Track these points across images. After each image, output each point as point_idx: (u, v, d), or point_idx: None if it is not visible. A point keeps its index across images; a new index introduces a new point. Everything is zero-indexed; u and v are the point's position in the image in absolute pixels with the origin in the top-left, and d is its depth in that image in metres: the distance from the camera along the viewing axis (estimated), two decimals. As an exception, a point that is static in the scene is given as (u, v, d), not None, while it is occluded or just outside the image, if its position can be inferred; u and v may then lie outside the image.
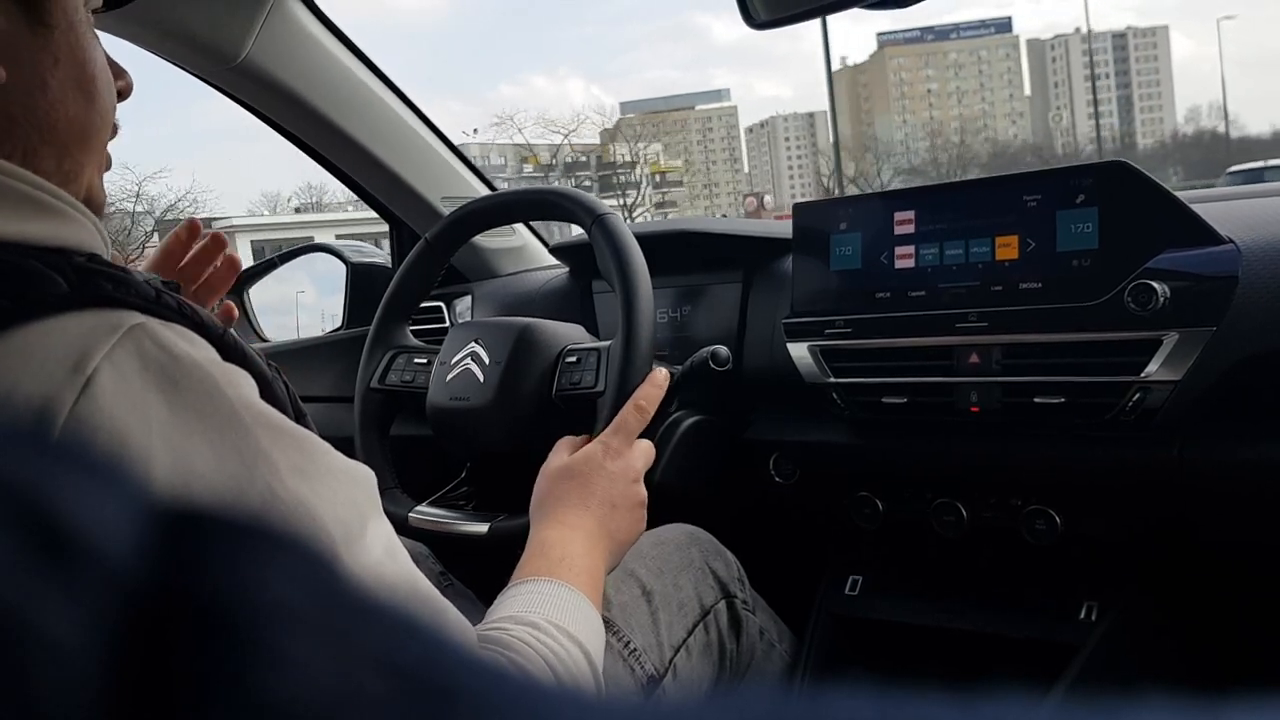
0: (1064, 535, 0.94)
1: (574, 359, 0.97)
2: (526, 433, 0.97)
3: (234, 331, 0.53)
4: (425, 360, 1.07)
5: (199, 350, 0.47)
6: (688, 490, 1.02)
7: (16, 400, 0.41)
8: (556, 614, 0.65)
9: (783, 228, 1.14)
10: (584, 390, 0.94)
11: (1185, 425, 0.85)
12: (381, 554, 0.52)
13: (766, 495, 1.12)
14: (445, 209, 1.39)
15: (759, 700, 0.13)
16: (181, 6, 1.09)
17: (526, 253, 1.55)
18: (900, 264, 0.98)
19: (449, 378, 1.01)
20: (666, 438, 0.98)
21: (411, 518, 0.99)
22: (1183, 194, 0.91)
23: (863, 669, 1.09)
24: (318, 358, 1.48)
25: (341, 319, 1.49)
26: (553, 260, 1.53)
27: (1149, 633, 1.01)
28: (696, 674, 0.87)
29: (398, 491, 1.04)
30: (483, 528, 0.94)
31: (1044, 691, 0.93)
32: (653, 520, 0.95)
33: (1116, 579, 0.97)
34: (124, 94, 0.61)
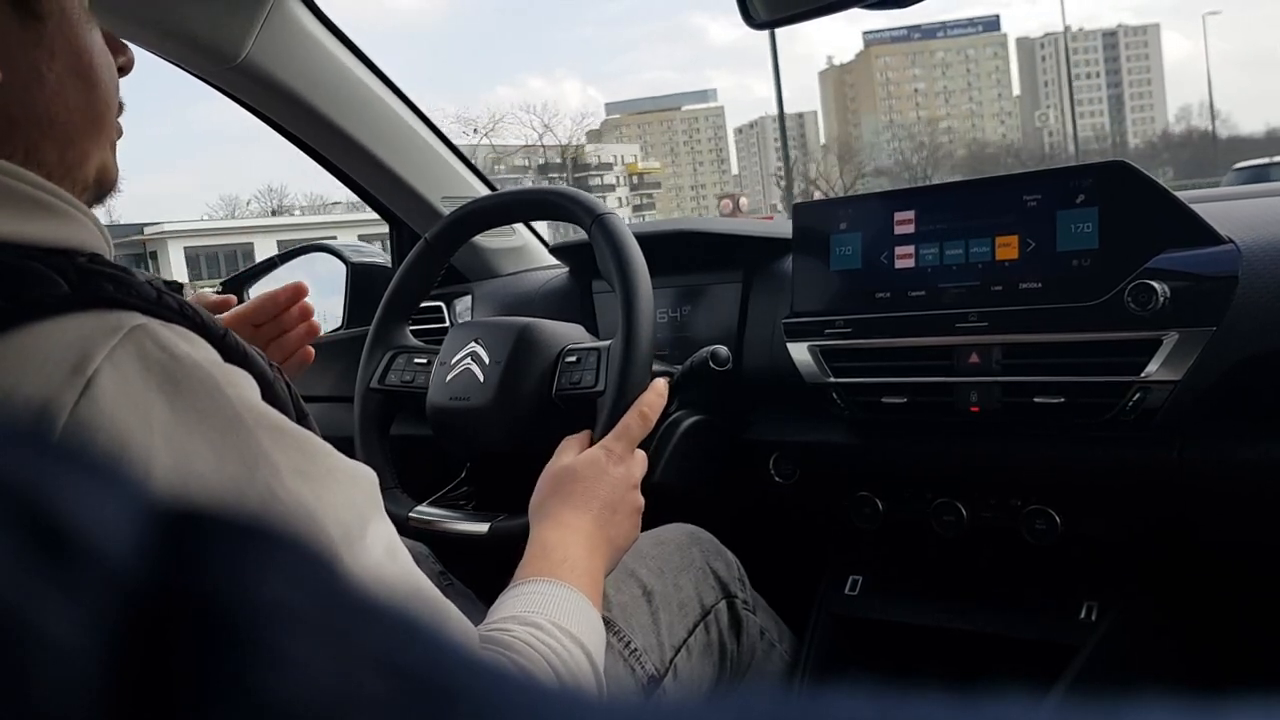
0: (1064, 535, 0.93)
1: (574, 359, 0.97)
2: (526, 433, 0.97)
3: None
4: (425, 360, 1.07)
5: (200, 351, 0.47)
6: (688, 490, 1.02)
7: (17, 401, 0.41)
8: (559, 615, 0.65)
9: (783, 227, 1.14)
10: (584, 390, 0.94)
11: (1185, 425, 0.85)
12: (382, 554, 0.52)
13: (766, 495, 1.12)
14: (445, 209, 1.39)
15: (760, 700, 0.13)
16: (182, 6, 1.09)
17: (526, 253, 1.55)
18: (900, 264, 0.98)
19: (449, 378, 1.01)
20: (666, 438, 0.98)
21: (411, 518, 0.99)
22: (1183, 194, 0.91)
23: (863, 669, 1.08)
24: (317, 357, 1.47)
25: (341, 319, 1.49)
26: (553, 260, 1.53)
27: (1149, 633, 1.01)
28: (697, 674, 0.87)
29: (398, 491, 1.04)
30: (483, 528, 0.94)
31: (1044, 692, 0.93)
32: (653, 520, 0.95)
33: (1116, 579, 0.97)
34: (125, 69, 0.60)
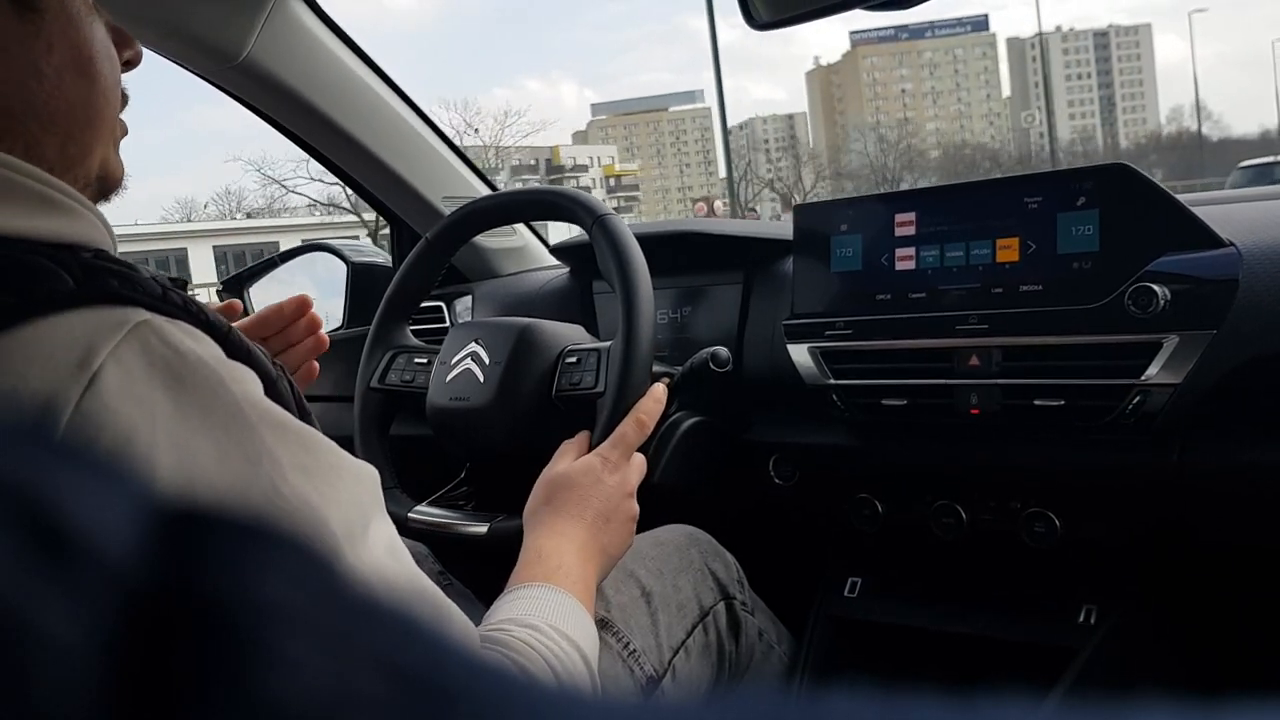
0: (1063, 538, 0.93)
1: (574, 359, 0.97)
2: (526, 433, 0.97)
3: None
4: (425, 360, 1.07)
5: (204, 347, 0.47)
6: (687, 491, 1.02)
7: (22, 396, 0.41)
8: (555, 618, 0.65)
9: (784, 229, 1.14)
10: (584, 391, 0.94)
11: (1185, 428, 0.85)
12: (384, 553, 0.52)
13: (766, 497, 1.12)
14: (446, 209, 1.39)
15: (758, 701, 0.13)
16: (183, 5, 1.09)
17: (527, 253, 1.55)
18: (901, 266, 0.98)
19: (449, 378, 1.01)
20: (666, 439, 0.98)
21: (411, 518, 0.99)
22: (1183, 197, 0.91)
23: (861, 671, 1.08)
24: (318, 357, 1.47)
25: (342, 318, 1.49)
26: (553, 260, 1.53)
27: (1148, 636, 1.01)
28: (695, 675, 0.87)
29: (397, 491, 1.04)
30: (482, 528, 0.94)
31: (1043, 695, 0.93)
32: (652, 521, 0.95)
33: (1116, 582, 0.97)
34: (132, 63, 0.59)
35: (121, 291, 0.46)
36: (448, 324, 1.40)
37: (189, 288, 0.63)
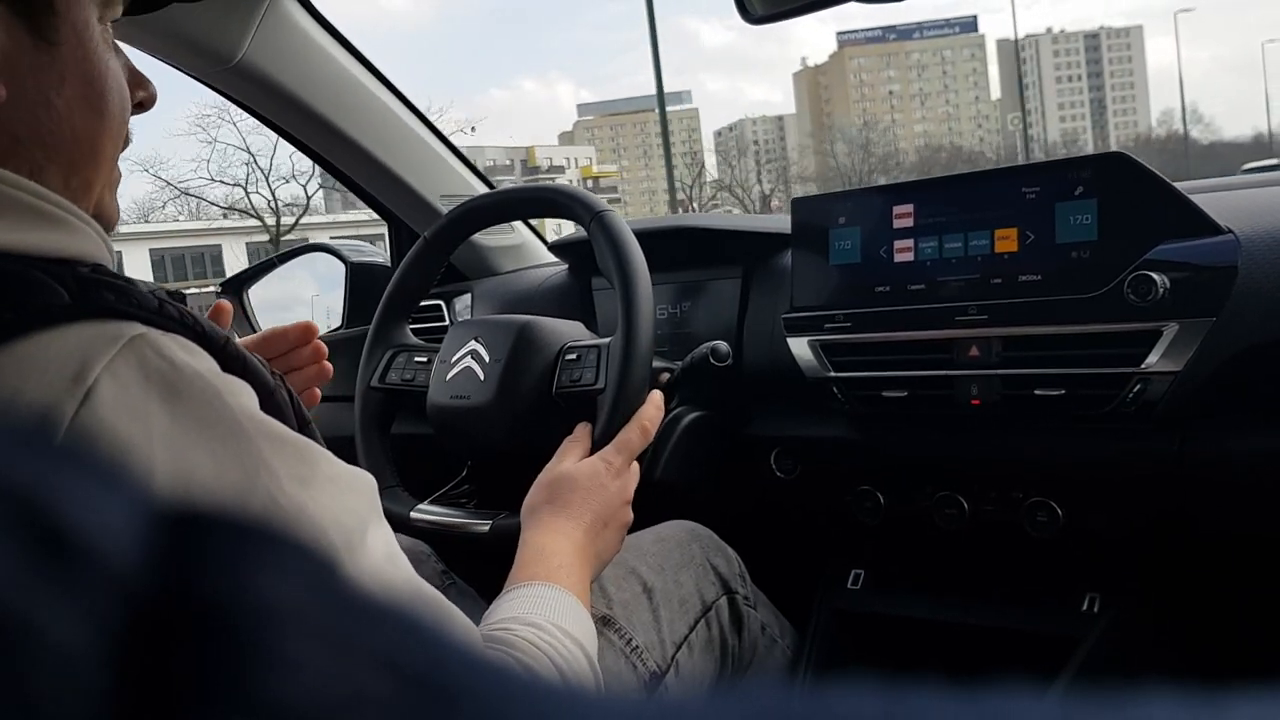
0: (1065, 528, 0.94)
1: (574, 356, 0.97)
2: (527, 430, 0.97)
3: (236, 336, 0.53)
4: (425, 358, 1.07)
5: (200, 360, 0.47)
6: (689, 487, 1.03)
7: (18, 410, 0.41)
8: (558, 617, 0.66)
9: (782, 222, 1.14)
10: (584, 387, 0.94)
11: (1186, 416, 0.85)
12: (382, 558, 0.52)
13: (767, 491, 1.12)
14: (444, 207, 1.39)
15: (762, 696, 0.13)
16: (177, 8, 1.09)
17: (526, 250, 1.55)
18: (899, 258, 0.98)
19: (449, 376, 1.01)
20: (667, 434, 0.98)
21: (413, 516, 0.99)
22: (1181, 185, 0.91)
23: (865, 663, 1.09)
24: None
25: (341, 318, 1.49)
26: (552, 257, 1.53)
27: (1151, 625, 1.01)
28: (699, 670, 0.87)
29: (399, 490, 1.04)
30: (484, 526, 0.94)
31: (1047, 684, 0.93)
32: (654, 517, 0.95)
33: (1118, 571, 0.97)
34: (145, 105, 0.60)
35: (117, 305, 0.46)
36: (447, 322, 1.40)
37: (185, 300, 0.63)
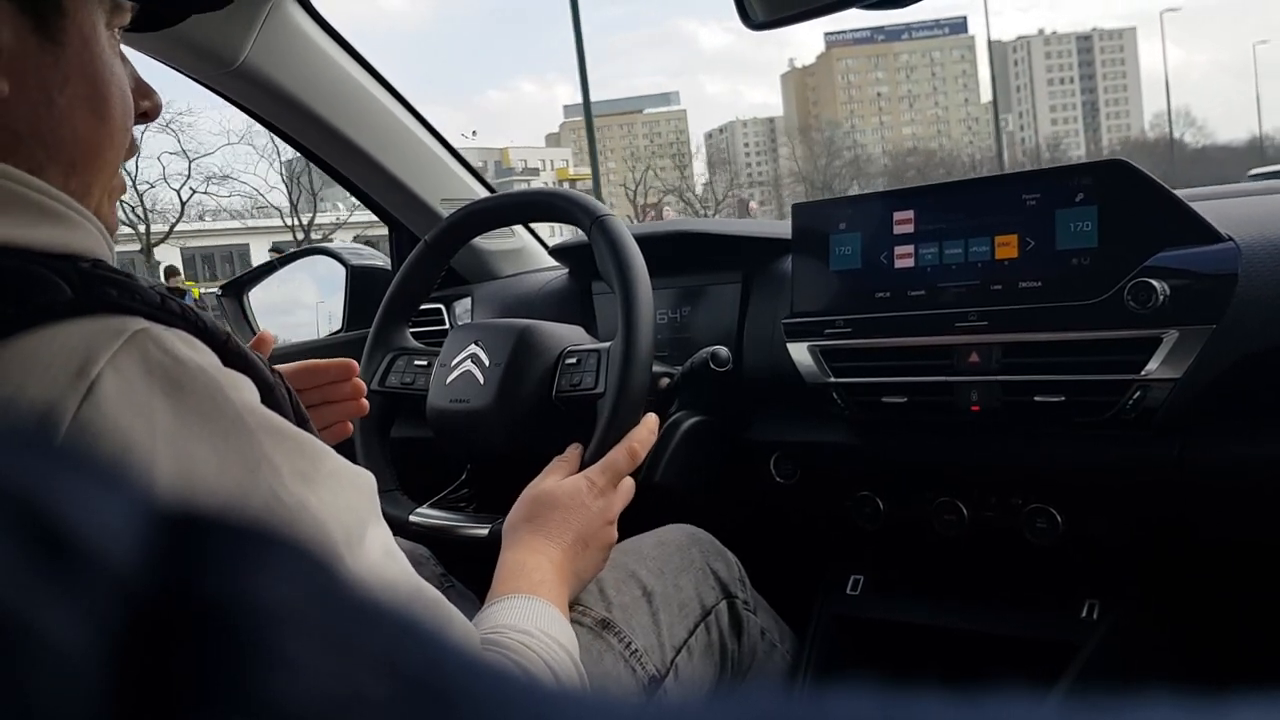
0: (1065, 534, 0.93)
1: (574, 360, 0.97)
2: (527, 434, 0.97)
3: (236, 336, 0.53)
4: (425, 362, 1.07)
5: (202, 355, 0.48)
6: (688, 491, 1.02)
7: (21, 406, 0.41)
8: (544, 624, 0.67)
9: (782, 228, 1.14)
10: (584, 392, 0.94)
11: (1186, 423, 0.85)
12: (381, 556, 0.53)
13: (767, 495, 1.12)
14: (444, 211, 1.39)
15: (761, 700, 0.13)
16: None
17: (526, 254, 1.55)
18: (900, 263, 0.98)
19: (449, 380, 1.01)
20: (667, 439, 0.98)
21: (412, 520, 0.99)
22: (1181, 192, 0.91)
23: (864, 669, 1.08)
24: (319, 359, 1.47)
25: (341, 321, 1.49)
26: (552, 262, 1.53)
27: (1150, 631, 1.01)
28: (698, 674, 0.87)
29: (398, 493, 1.04)
30: (483, 530, 0.94)
31: (1046, 690, 0.93)
32: (653, 521, 0.95)
33: (1118, 577, 0.97)
34: (150, 115, 0.60)
35: (119, 300, 0.46)
36: (447, 326, 1.40)
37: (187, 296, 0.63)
